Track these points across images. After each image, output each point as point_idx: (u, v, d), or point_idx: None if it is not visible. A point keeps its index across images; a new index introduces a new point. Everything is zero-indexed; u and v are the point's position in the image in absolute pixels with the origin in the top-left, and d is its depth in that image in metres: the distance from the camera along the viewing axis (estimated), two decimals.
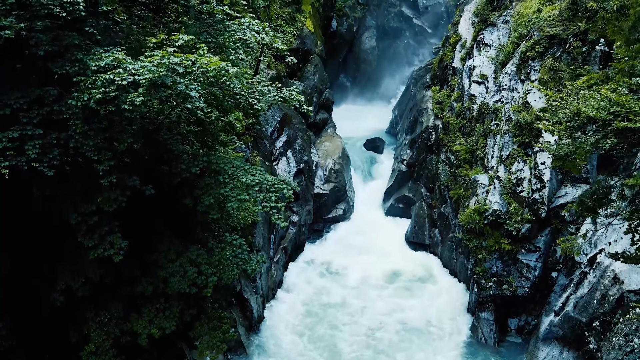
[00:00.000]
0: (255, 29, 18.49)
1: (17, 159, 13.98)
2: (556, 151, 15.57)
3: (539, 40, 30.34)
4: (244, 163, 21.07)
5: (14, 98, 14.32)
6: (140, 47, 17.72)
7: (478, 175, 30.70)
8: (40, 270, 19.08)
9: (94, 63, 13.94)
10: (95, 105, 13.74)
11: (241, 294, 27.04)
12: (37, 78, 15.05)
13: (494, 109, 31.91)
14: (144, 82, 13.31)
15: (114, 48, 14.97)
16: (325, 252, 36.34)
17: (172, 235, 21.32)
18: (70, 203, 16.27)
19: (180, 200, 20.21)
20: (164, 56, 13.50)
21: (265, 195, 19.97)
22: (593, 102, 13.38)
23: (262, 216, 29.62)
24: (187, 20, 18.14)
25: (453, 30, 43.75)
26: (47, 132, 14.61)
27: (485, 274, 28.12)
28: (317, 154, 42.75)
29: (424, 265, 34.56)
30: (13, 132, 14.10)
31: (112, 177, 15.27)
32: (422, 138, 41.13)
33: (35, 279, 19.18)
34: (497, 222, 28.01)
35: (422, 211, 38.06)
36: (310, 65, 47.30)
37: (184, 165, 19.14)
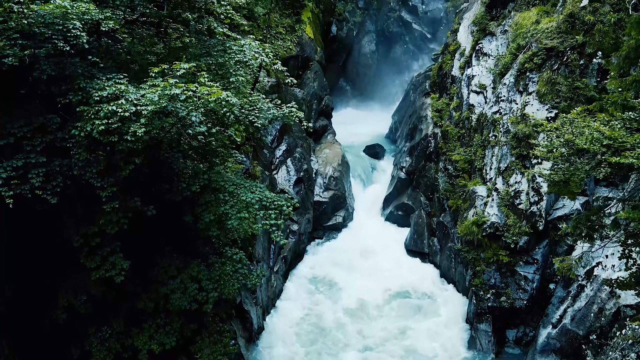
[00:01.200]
0: (255, 50, 18.66)
1: (21, 187, 14.20)
2: (551, 177, 15.79)
3: (537, 52, 30.49)
4: (244, 180, 21.31)
5: (18, 126, 14.54)
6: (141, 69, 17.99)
7: (476, 187, 30.91)
8: (42, 287, 19.29)
9: (96, 93, 14.16)
10: (98, 136, 13.94)
11: (241, 305, 27.23)
12: (40, 104, 15.25)
13: (493, 120, 32.11)
14: (146, 114, 13.52)
15: (116, 75, 15.18)
16: (324, 261, 36.47)
17: (173, 250, 21.58)
18: (72, 224, 16.49)
19: (180, 217, 20.46)
20: (166, 87, 13.70)
21: (265, 212, 20.23)
22: (587, 132, 13.59)
23: None
24: (188, 41, 18.30)
25: (452, 38, 43.93)
26: (51, 160, 14.84)
27: (484, 285, 28.33)
28: (316, 162, 42.93)
29: (422, 276, 34.68)
30: (17, 160, 14.33)
31: (114, 203, 15.49)
32: (421, 146, 41.32)
33: (38, 296, 19.40)
34: (495, 234, 28.23)
35: (421, 220, 38.27)
36: (310, 72, 47.46)
37: (185, 183, 19.37)
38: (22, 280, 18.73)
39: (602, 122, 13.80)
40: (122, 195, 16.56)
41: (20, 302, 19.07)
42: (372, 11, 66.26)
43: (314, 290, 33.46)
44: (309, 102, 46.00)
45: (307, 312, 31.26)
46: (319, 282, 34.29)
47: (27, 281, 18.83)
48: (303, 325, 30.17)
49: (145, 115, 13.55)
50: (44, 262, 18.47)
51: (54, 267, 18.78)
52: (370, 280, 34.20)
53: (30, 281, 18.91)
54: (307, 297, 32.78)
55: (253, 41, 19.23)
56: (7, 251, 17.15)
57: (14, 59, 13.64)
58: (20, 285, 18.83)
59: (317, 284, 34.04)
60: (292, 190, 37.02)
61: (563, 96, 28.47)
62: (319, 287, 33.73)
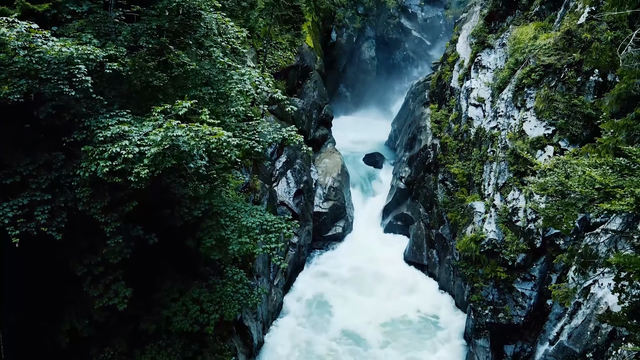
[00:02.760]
0: (255, 79, 18.92)
1: (27, 225, 14.48)
2: (546, 212, 16.06)
3: (535, 68, 30.71)
4: (245, 204, 21.56)
5: (24, 164, 14.82)
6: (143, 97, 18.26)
7: (475, 203, 31.19)
8: (46, 311, 19.56)
9: (100, 133, 14.44)
10: (102, 176, 14.22)
11: (242, 321, 27.53)
12: (45, 137, 15.52)
13: (491, 135, 32.38)
14: (149, 155, 13.79)
15: (119, 112, 15.46)
16: (324, 275, 36.68)
17: (175, 272, 21.86)
18: (76, 254, 16.77)
19: (182, 241, 20.72)
20: (169, 127, 13.96)
21: (265, 236, 20.47)
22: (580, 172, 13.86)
23: None
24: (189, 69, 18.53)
25: (451, 49, 44.20)
26: (55, 196, 15.12)
27: (482, 301, 28.62)
28: (316, 172, 43.19)
29: (421, 290, 34.93)
30: (23, 198, 14.61)
31: (118, 238, 15.77)
32: (420, 157, 41.60)
33: (42, 319, 19.67)
34: (493, 251, 28.51)
35: (420, 231, 38.55)
36: (309, 82, 47.70)
37: (186, 208, 19.62)
38: (26, 305, 19.00)
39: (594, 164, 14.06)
40: (124, 224, 16.83)
41: (24, 326, 19.34)
42: (372, 17, 66.54)
43: (313, 305, 33.55)
44: (309, 111, 46.28)
45: (306, 328, 31.46)
46: (317, 302, 34.01)
47: (30, 305, 19.10)
48: (303, 342, 30.39)
49: (149, 156, 13.82)
50: (48, 289, 18.71)
51: (58, 293, 19.02)
52: (369, 299, 34.12)
53: (33, 306, 19.18)
54: (306, 311, 33.00)
55: (253, 70, 19.47)
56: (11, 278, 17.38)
57: (19, 96, 13.90)
58: (24, 309, 19.09)
59: (315, 304, 33.77)
60: (292, 202, 37.31)
61: (560, 113, 28.69)
62: (317, 308, 33.46)
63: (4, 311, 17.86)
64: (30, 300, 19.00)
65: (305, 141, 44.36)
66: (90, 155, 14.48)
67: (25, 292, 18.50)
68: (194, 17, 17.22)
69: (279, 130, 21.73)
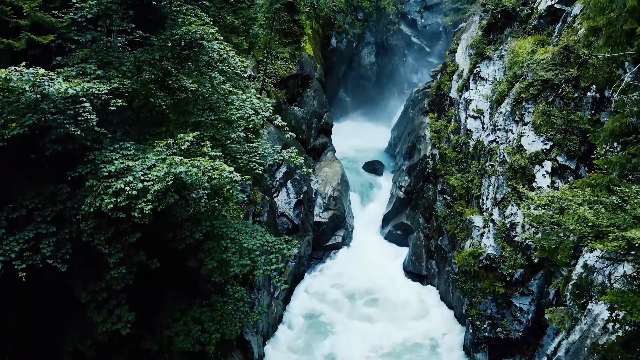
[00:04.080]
0: (256, 105, 19.19)
1: (33, 258, 14.76)
2: (542, 243, 16.34)
3: (533, 82, 30.96)
4: (246, 225, 21.81)
5: (29, 198, 15.10)
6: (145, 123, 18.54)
7: (473, 217, 31.46)
8: (49, 333, 19.82)
9: (105, 168, 14.71)
10: (107, 212, 14.49)
11: (242, 336, 27.78)
12: (50, 168, 15.78)
13: (489, 149, 32.65)
14: (152, 192, 14.06)
15: (123, 144, 15.74)
16: (323, 285, 36.83)
17: (176, 291, 22.13)
18: (80, 281, 17.05)
19: (184, 262, 20.98)
20: (172, 163, 14.22)
21: (266, 257, 20.76)
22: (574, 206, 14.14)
23: None
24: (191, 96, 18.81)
25: (450, 59, 44.44)
26: (60, 228, 15.39)
27: (480, 316, 28.91)
28: (316, 181, 43.43)
29: (421, 301, 35.14)
30: (29, 232, 14.89)
31: (121, 268, 16.03)
32: (419, 166, 41.86)
33: (45, 340, 19.94)
34: (492, 265, 28.79)
35: (420, 242, 38.82)
36: (309, 90, 47.93)
37: (188, 231, 19.85)
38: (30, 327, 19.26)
39: (588, 201, 14.34)
40: (127, 250, 17.10)
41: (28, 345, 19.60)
42: (372, 23, 66.74)
43: (312, 318, 33.67)
44: (309, 120, 46.52)
45: (306, 341, 31.68)
46: (316, 321, 33.75)
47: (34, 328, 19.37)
48: (302, 354, 30.62)
49: (152, 192, 14.08)
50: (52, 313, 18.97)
51: (62, 316, 19.28)
52: (368, 324, 33.42)
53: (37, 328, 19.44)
54: (306, 323, 33.19)
55: (254, 95, 19.75)
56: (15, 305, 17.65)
57: (25, 129, 14.18)
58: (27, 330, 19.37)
59: (314, 313, 33.93)
60: (292, 213, 37.57)
61: (558, 129, 28.98)
62: (315, 328, 33.21)
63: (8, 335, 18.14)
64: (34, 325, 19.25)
65: (306, 150, 44.80)
66: (95, 190, 14.75)
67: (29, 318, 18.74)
68: (196, 47, 17.47)
69: (280, 152, 22.02)
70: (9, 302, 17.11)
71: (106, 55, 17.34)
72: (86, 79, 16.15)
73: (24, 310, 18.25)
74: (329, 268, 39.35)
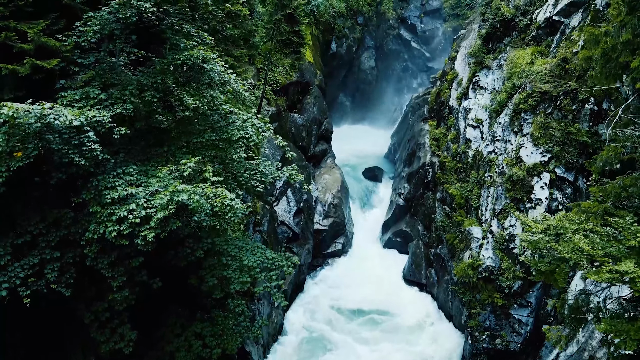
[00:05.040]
0: (257, 125, 19.41)
1: (38, 284, 14.99)
2: (538, 266, 16.58)
3: (531, 93, 31.15)
4: (246, 241, 22.03)
5: (34, 223, 15.32)
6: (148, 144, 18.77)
7: (472, 228, 31.67)
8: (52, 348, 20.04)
9: (108, 195, 14.94)
10: (111, 239, 14.73)
11: (243, 347, 27.98)
12: (54, 192, 15.99)
13: (488, 159, 32.86)
14: (155, 220, 14.30)
15: (126, 168, 15.97)
16: (322, 298, 36.86)
17: (177, 306, 22.36)
18: (83, 302, 17.28)
19: (185, 279, 21.23)
20: (175, 192, 14.45)
21: (266, 274, 20.99)
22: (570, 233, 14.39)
23: None
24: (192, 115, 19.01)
25: (450, 66, 44.65)
26: (64, 253, 15.62)
27: (479, 327, 29.15)
28: (316, 189, 43.65)
29: (420, 311, 35.32)
30: (33, 257, 15.12)
31: (124, 292, 16.26)
32: (419, 174, 42.07)
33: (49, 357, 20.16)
34: (490, 277, 29.02)
35: (419, 250, 39.04)
36: (309, 97, 48.14)
37: (189, 249, 20.10)
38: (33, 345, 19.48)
39: (584, 229, 14.57)
40: (130, 270, 17.32)
41: None
42: (372, 27, 67.01)
43: (312, 328, 33.85)
44: (309, 127, 46.75)
45: (307, 351, 31.82)
46: (314, 338, 33.49)
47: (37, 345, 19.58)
48: None
49: (155, 220, 14.33)
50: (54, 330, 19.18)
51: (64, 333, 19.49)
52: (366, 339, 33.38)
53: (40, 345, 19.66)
54: (305, 333, 33.37)
55: (254, 116, 19.97)
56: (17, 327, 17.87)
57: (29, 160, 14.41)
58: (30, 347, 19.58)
59: (311, 338, 33.80)
60: (292, 222, 37.79)
61: (556, 140, 29.18)
62: (314, 344, 32.97)
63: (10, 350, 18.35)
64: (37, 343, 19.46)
65: (306, 157, 45.02)
66: (99, 217, 14.98)
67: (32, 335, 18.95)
68: (198, 70, 17.69)
69: (281, 169, 22.26)
70: (11, 321, 17.33)
71: (109, 78, 17.54)
72: (90, 103, 16.37)
73: (27, 328, 18.45)
74: (329, 278, 39.36)
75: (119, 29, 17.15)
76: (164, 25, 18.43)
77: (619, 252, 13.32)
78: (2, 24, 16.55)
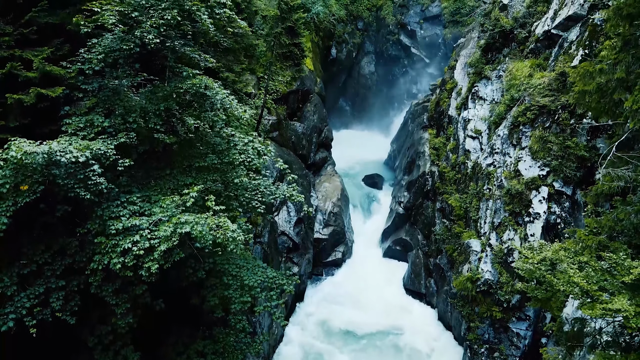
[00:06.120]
0: (258, 148, 19.69)
1: (43, 312, 15.27)
2: (535, 293, 16.85)
3: (530, 107, 31.37)
4: (247, 260, 22.28)
5: (39, 252, 15.59)
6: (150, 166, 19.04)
7: (471, 241, 31.93)
8: None
9: (113, 225, 15.21)
10: (115, 270, 15.01)
11: None
12: (58, 221, 16.25)
13: (487, 172, 33.11)
14: (159, 251, 14.58)
15: (130, 197, 16.24)
16: (323, 305, 37.13)
17: (179, 324, 22.63)
18: (87, 327, 17.55)
19: (186, 298, 21.50)
20: (178, 224, 14.73)
21: (267, 294, 21.28)
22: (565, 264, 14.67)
23: None
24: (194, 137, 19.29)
25: (449, 75, 44.88)
26: (69, 282, 15.89)
27: (478, 340, 29.44)
28: (316, 197, 43.88)
29: (420, 324, 35.51)
30: (39, 287, 15.39)
31: (128, 319, 16.54)
32: (419, 183, 42.31)
33: None
34: (489, 291, 29.28)
35: (419, 260, 39.30)
36: (309, 105, 48.34)
37: (191, 269, 20.35)
38: None
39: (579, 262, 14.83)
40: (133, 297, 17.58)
41: None
42: (371, 32, 67.19)
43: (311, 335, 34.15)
44: (309, 135, 46.98)
45: None
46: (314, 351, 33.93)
47: None
48: None
49: (159, 252, 14.60)
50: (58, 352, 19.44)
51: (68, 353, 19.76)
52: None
53: None
54: (305, 341, 33.67)
55: (255, 139, 20.23)
56: None
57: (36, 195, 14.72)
58: None
59: (314, 332, 34.33)
60: (292, 232, 38.04)
61: (554, 154, 29.41)
62: (316, 336, 33.92)
63: None
64: None
65: (306, 165, 45.25)
66: (103, 248, 15.25)
67: None
68: (200, 96, 17.95)
69: (282, 189, 22.54)
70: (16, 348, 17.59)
71: (113, 104, 17.80)
72: (94, 131, 16.64)
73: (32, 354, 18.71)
74: (329, 288, 39.42)
75: (123, 57, 17.40)
76: (166, 50, 18.67)
77: (613, 286, 13.59)
78: (7, 53, 16.82)
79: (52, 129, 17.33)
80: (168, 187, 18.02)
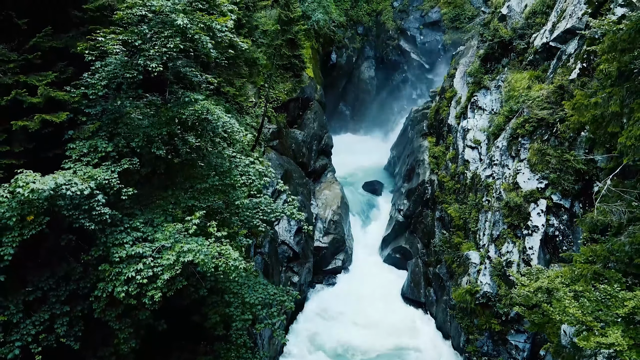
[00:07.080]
0: (259, 169, 19.93)
1: (48, 339, 15.52)
2: (532, 318, 17.11)
3: (528, 119, 31.59)
4: (248, 277, 22.51)
5: (44, 279, 15.85)
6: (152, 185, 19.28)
7: (470, 252, 32.17)
8: None
9: (116, 253, 15.46)
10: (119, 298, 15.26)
11: None
12: (64, 247, 16.48)
13: (486, 184, 33.35)
14: (162, 280, 14.83)
15: (133, 223, 16.49)
16: (322, 316, 37.41)
17: (181, 340, 22.85)
18: (90, 349, 17.79)
19: (188, 316, 21.74)
20: (180, 253, 14.99)
21: (267, 311, 21.53)
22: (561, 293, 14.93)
23: None
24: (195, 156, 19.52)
25: (448, 83, 45.10)
26: (73, 307, 16.13)
27: (477, 352, 29.70)
28: (316, 205, 44.12)
29: (419, 335, 35.73)
30: (44, 313, 15.64)
31: (131, 343, 16.78)
32: (418, 191, 42.58)
33: None
34: (488, 303, 29.53)
35: (418, 269, 39.56)
36: (310, 113, 48.62)
37: (192, 287, 20.57)
38: None
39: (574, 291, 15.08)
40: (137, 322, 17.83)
41: None
42: (371, 37, 67.50)
43: (312, 346, 34.44)
44: (309, 143, 47.24)
45: None
46: (316, 342, 34.56)
47: None
48: None
49: (162, 280, 14.85)
50: None
51: None
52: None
53: None
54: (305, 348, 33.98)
55: (256, 160, 20.49)
56: None
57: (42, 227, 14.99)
58: None
59: (314, 343, 34.56)
60: (292, 241, 38.28)
61: (553, 167, 29.62)
62: (316, 346, 34.10)
63: None
64: None
65: (306, 173, 45.49)
66: (107, 275, 15.50)
67: None
68: (202, 121, 18.18)
69: (282, 208, 22.80)
70: None
71: (116, 127, 18.03)
72: (98, 156, 16.88)
73: None
74: (329, 297, 39.76)
75: (126, 83, 17.64)
76: (168, 74, 18.91)
77: (608, 316, 13.84)
78: (13, 80, 17.03)
79: (56, 153, 17.55)
80: (171, 210, 18.23)
